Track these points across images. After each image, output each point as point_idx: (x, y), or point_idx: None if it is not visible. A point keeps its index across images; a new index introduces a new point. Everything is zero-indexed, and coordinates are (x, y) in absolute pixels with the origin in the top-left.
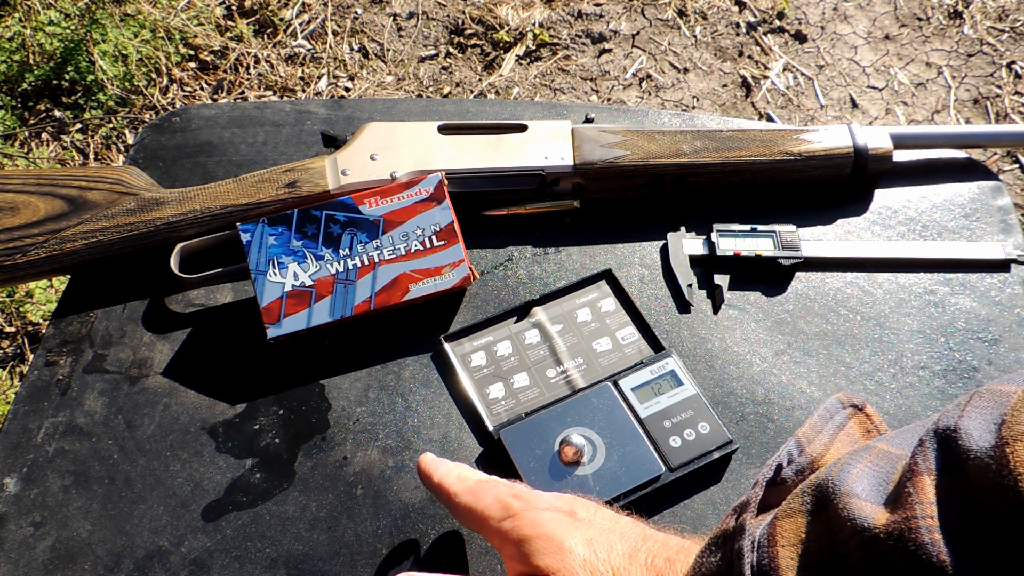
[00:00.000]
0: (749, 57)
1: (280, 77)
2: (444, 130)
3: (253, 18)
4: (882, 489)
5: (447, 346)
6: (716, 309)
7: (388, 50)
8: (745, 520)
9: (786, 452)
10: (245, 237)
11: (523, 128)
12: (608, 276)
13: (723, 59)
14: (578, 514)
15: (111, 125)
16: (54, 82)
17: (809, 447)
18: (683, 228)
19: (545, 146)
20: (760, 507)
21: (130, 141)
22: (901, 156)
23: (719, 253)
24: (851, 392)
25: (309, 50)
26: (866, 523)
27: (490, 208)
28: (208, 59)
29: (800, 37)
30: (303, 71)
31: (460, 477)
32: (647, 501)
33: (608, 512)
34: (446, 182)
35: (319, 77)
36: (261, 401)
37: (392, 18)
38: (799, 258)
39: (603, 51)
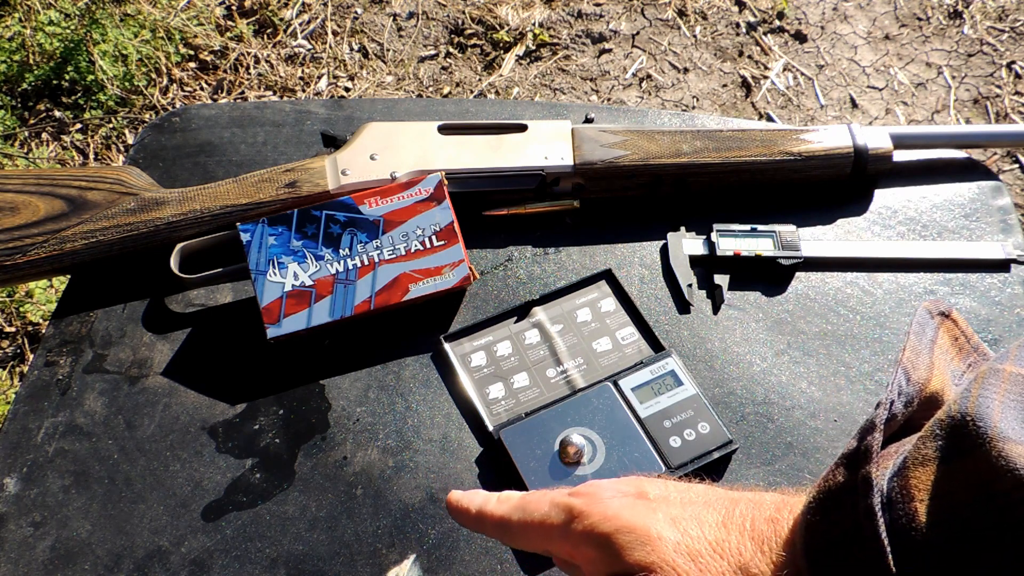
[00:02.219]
0: (749, 57)
1: (280, 77)
2: (444, 130)
3: (253, 18)
4: None
5: (447, 346)
6: (716, 309)
7: (388, 50)
8: (870, 472)
9: (896, 386)
10: (245, 237)
11: (523, 128)
12: (608, 276)
13: (723, 59)
14: (649, 494)
15: (111, 125)
16: (54, 82)
17: (915, 374)
18: (683, 228)
19: (545, 146)
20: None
21: (130, 141)
22: (901, 156)
23: (719, 253)
24: (937, 300)
25: (309, 50)
26: None
27: (490, 208)
28: (208, 59)
29: (800, 37)
30: (303, 71)
31: (501, 499)
32: None
33: (679, 484)
34: (446, 182)
35: (319, 77)
36: (261, 401)
37: (392, 18)
38: (799, 258)
39: (603, 51)
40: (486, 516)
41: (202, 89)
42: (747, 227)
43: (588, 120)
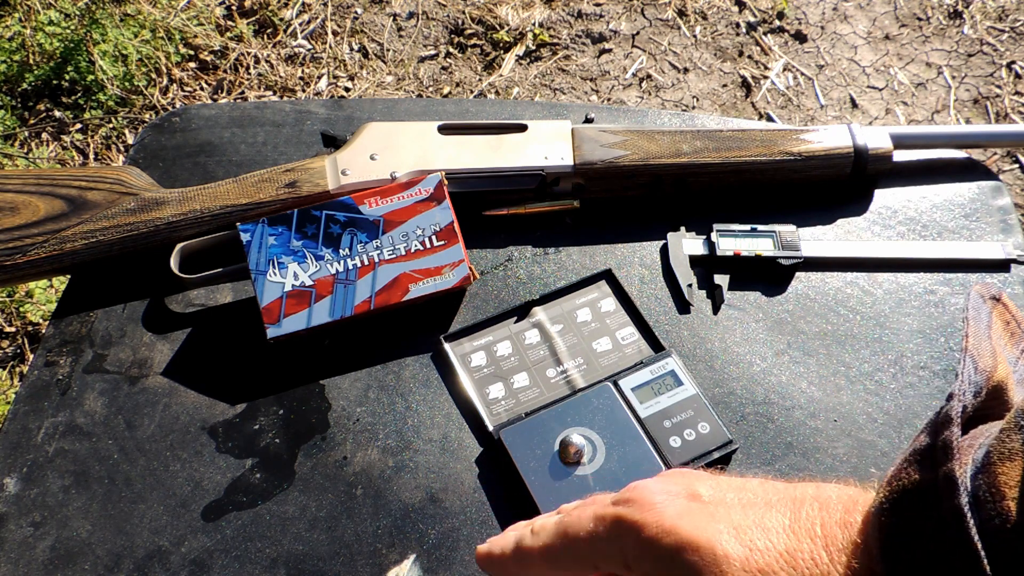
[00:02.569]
0: (749, 57)
1: (280, 77)
2: (444, 130)
3: (253, 18)
4: None
5: (447, 346)
6: (716, 309)
7: (388, 50)
8: (953, 470)
9: (966, 375)
10: (245, 237)
11: (523, 128)
12: (608, 276)
13: (723, 59)
14: (703, 495)
15: (111, 125)
16: (54, 82)
17: (981, 361)
18: (683, 228)
19: (545, 146)
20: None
21: (130, 141)
22: (901, 156)
23: (719, 253)
24: (987, 283)
25: (309, 50)
26: None
27: (490, 208)
28: (208, 59)
29: (800, 37)
30: (303, 71)
31: (536, 530)
32: None
33: (732, 480)
34: (446, 182)
35: (319, 77)
36: (261, 401)
37: (392, 18)
38: (799, 258)
39: (603, 51)
40: (527, 552)
41: (202, 89)
42: (747, 227)
43: (588, 120)
